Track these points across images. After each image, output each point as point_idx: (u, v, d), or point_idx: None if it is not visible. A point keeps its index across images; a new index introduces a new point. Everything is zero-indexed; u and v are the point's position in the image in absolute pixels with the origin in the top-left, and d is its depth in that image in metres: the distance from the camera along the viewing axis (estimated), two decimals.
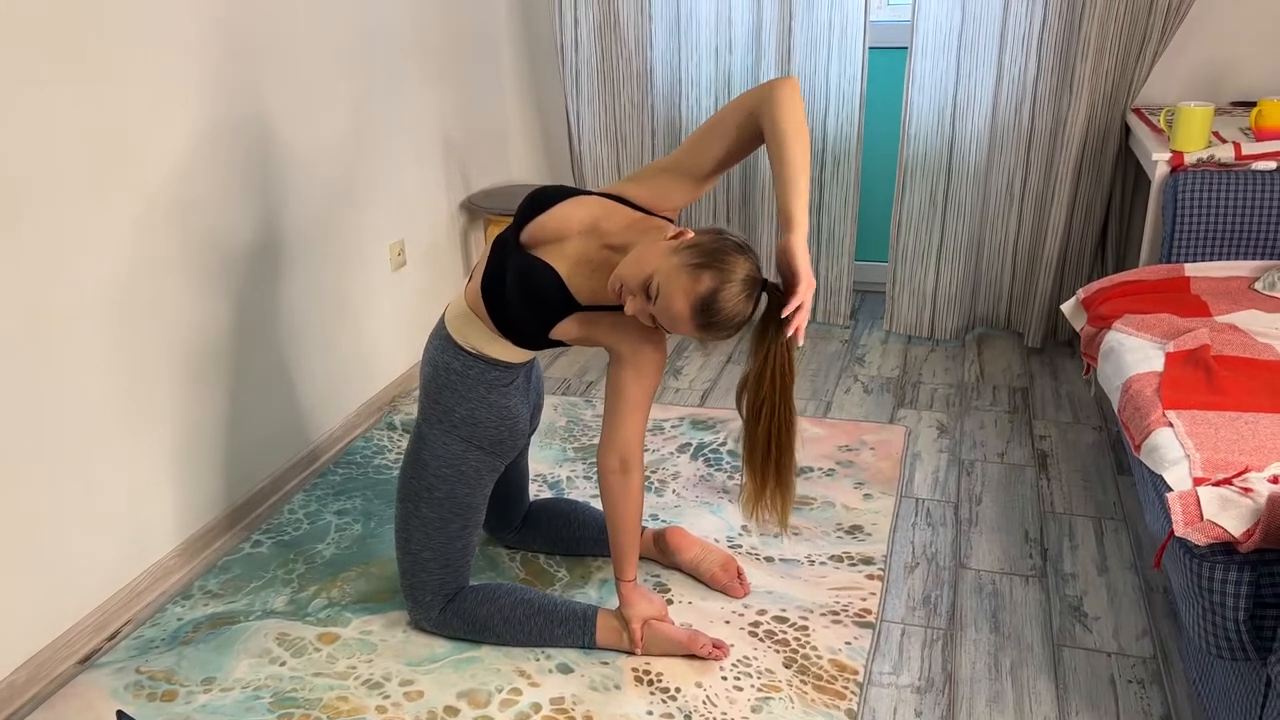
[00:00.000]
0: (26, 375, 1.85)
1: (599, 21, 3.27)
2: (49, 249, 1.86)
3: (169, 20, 2.08)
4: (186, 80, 2.14)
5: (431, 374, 1.93)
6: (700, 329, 1.65)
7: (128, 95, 1.99)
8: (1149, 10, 2.87)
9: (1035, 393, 3.00)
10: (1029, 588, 2.14)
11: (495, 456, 1.95)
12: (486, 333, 1.85)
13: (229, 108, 2.27)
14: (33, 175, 1.81)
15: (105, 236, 1.98)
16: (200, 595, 2.17)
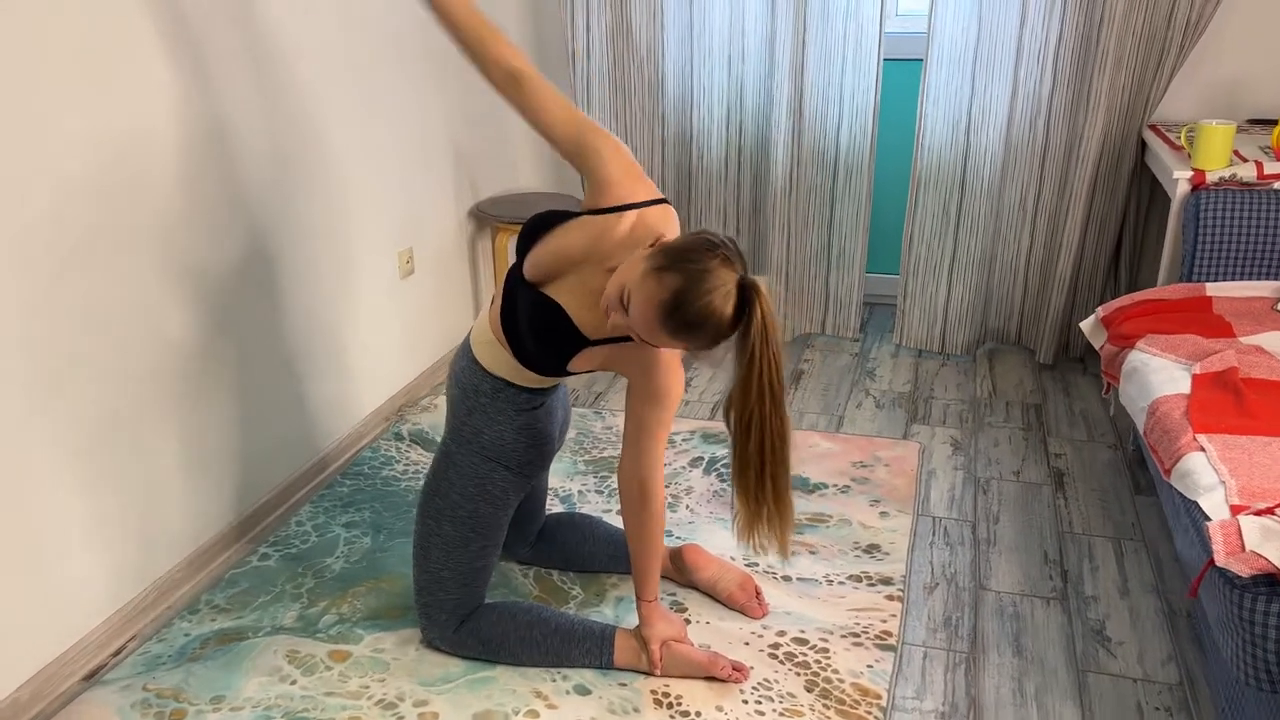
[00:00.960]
0: (29, 384, 1.80)
1: (611, 28, 3.24)
2: (68, 252, 1.82)
3: (181, 23, 2.04)
4: (196, 84, 2.10)
5: (460, 396, 1.89)
6: (673, 335, 1.53)
7: (134, 93, 1.95)
8: (1167, 25, 2.85)
9: (1048, 410, 2.97)
10: (1050, 610, 2.11)
11: (522, 477, 1.92)
12: (511, 362, 1.82)
13: (238, 113, 2.23)
14: (33, 175, 1.77)
15: (112, 242, 1.94)
16: (207, 610, 2.13)
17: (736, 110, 3.31)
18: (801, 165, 3.28)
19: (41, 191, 1.77)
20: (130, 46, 1.92)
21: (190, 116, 2.08)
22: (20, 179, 1.73)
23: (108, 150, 1.89)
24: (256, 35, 2.25)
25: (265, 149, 2.32)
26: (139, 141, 1.97)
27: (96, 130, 1.86)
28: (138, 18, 1.93)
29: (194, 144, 2.10)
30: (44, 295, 1.80)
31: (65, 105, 1.79)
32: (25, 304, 1.77)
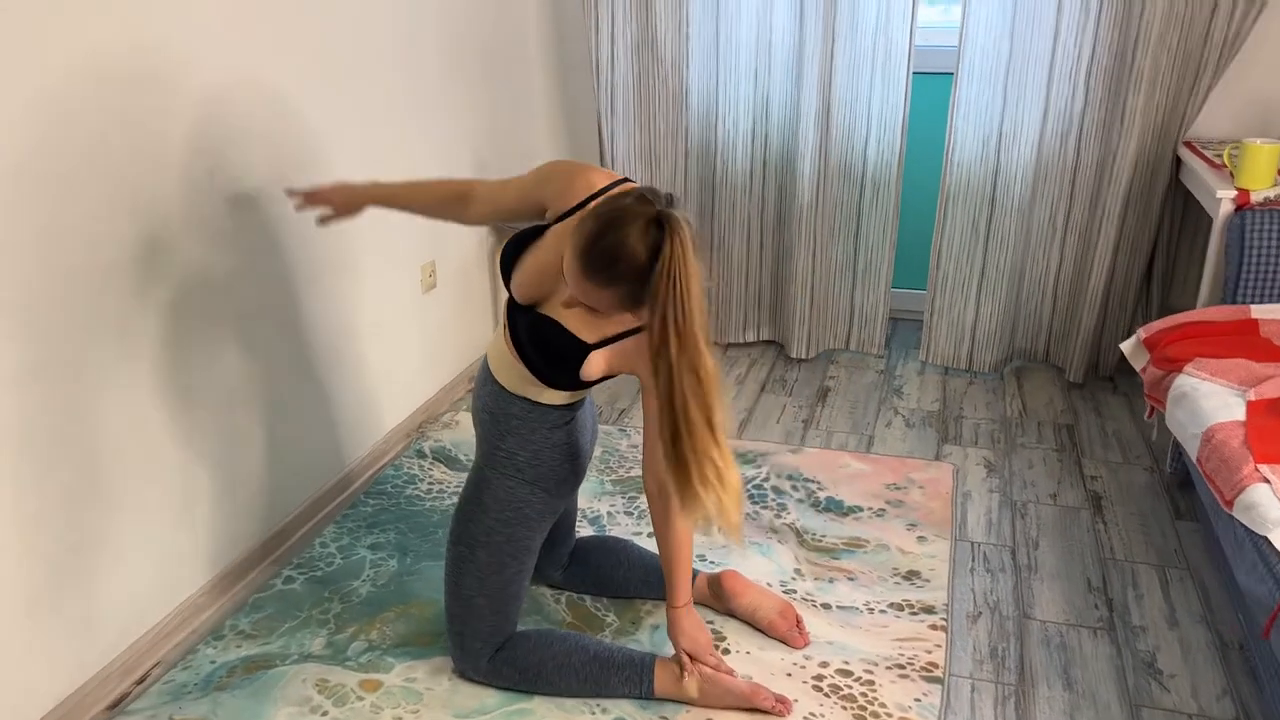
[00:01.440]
0: (53, 405, 1.75)
1: (636, 40, 3.19)
2: (98, 269, 1.77)
3: (209, 36, 1.99)
4: (218, 96, 2.05)
5: (491, 421, 1.85)
6: (596, 283, 1.48)
7: (154, 102, 1.90)
8: (1204, 43, 2.81)
9: (1081, 430, 2.93)
10: (1098, 641, 2.06)
11: (557, 498, 1.88)
12: (532, 381, 1.78)
13: (264, 127, 2.18)
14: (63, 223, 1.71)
15: (132, 258, 1.88)
16: (232, 635, 2.07)
17: (762, 123, 3.26)
18: (828, 179, 3.23)
19: (68, 219, 1.72)
20: (151, 61, 1.87)
21: (213, 132, 2.03)
22: (43, 216, 1.67)
23: (125, 171, 1.84)
24: (288, 51, 2.20)
25: (292, 162, 2.27)
26: (156, 158, 1.92)
27: (114, 151, 1.81)
28: (162, 27, 1.88)
29: (217, 158, 2.05)
30: (68, 310, 1.75)
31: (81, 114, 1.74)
32: (53, 323, 1.72)
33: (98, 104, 1.74)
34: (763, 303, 3.49)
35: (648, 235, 1.46)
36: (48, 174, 1.66)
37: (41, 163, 1.65)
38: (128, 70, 1.79)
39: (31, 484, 1.71)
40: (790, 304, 3.37)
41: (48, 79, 1.64)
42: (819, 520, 2.46)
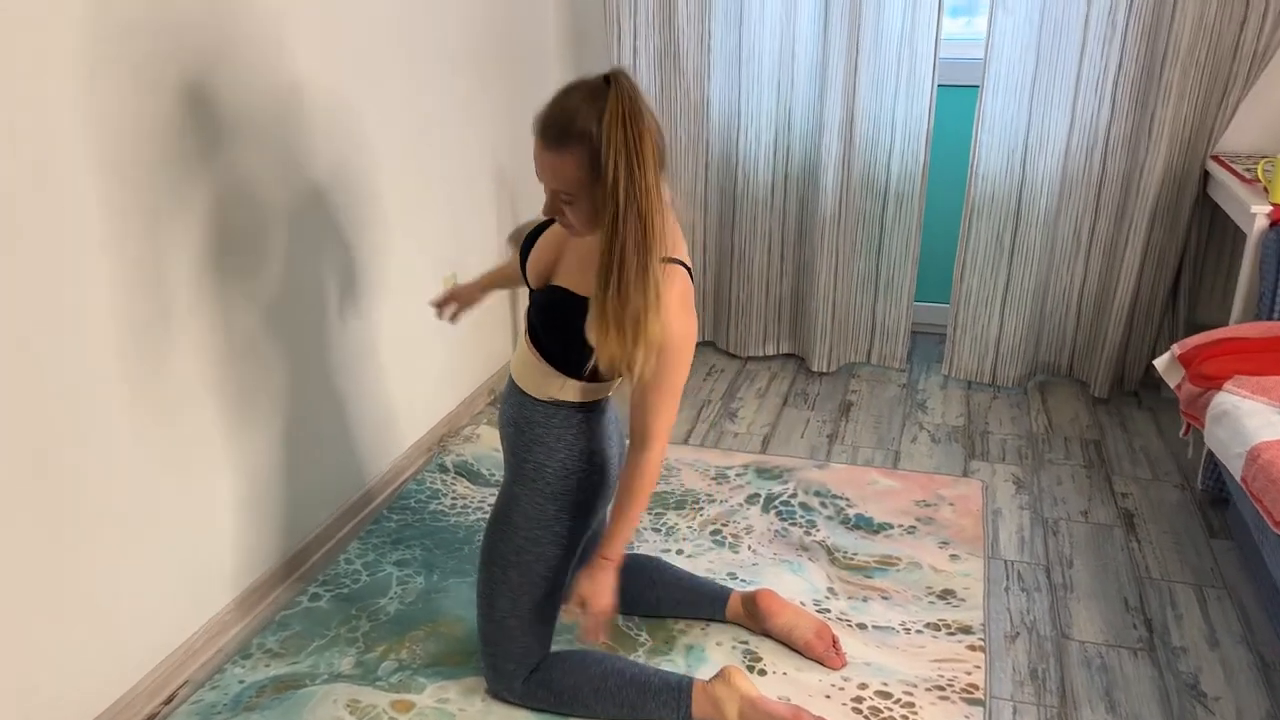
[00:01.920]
0: (81, 430, 1.72)
1: (659, 52, 3.17)
2: (116, 306, 1.74)
3: (242, 51, 1.97)
4: (248, 108, 2.02)
5: (515, 434, 1.82)
6: (556, 150, 1.52)
7: (187, 117, 1.88)
8: (1233, 55, 2.80)
9: (1108, 446, 2.90)
10: (1139, 662, 2.03)
11: (587, 514, 1.85)
12: (554, 377, 1.75)
13: (286, 143, 2.16)
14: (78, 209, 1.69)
15: (155, 278, 1.86)
16: (260, 654, 2.03)
17: (784, 134, 3.24)
18: (851, 192, 3.21)
19: (87, 222, 1.69)
20: (183, 71, 1.84)
21: (245, 141, 2.01)
22: (57, 212, 1.65)
23: (155, 177, 1.82)
24: (316, 69, 2.18)
25: (320, 176, 2.24)
26: (183, 170, 1.90)
27: (148, 165, 1.78)
28: (189, 35, 1.85)
29: (244, 168, 2.03)
30: (98, 328, 1.72)
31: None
32: (75, 361, 1.69)
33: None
34: (783, 316, 3.47)
35: (596, 94, 1.52)
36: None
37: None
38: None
39: (64, 509, 1.68)
40: (811, 317, 3.35)
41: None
42: (850, 538, 2.43)
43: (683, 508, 2.56)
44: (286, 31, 2.08)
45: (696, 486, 2.67)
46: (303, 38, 2.13)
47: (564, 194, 1.58)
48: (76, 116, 1.61)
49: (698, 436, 2.97)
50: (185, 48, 1.81)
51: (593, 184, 1.54)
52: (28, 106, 1.53)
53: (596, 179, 1.53)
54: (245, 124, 1.99)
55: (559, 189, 1.58)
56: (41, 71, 1.54)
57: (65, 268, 1.63)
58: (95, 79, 1.64)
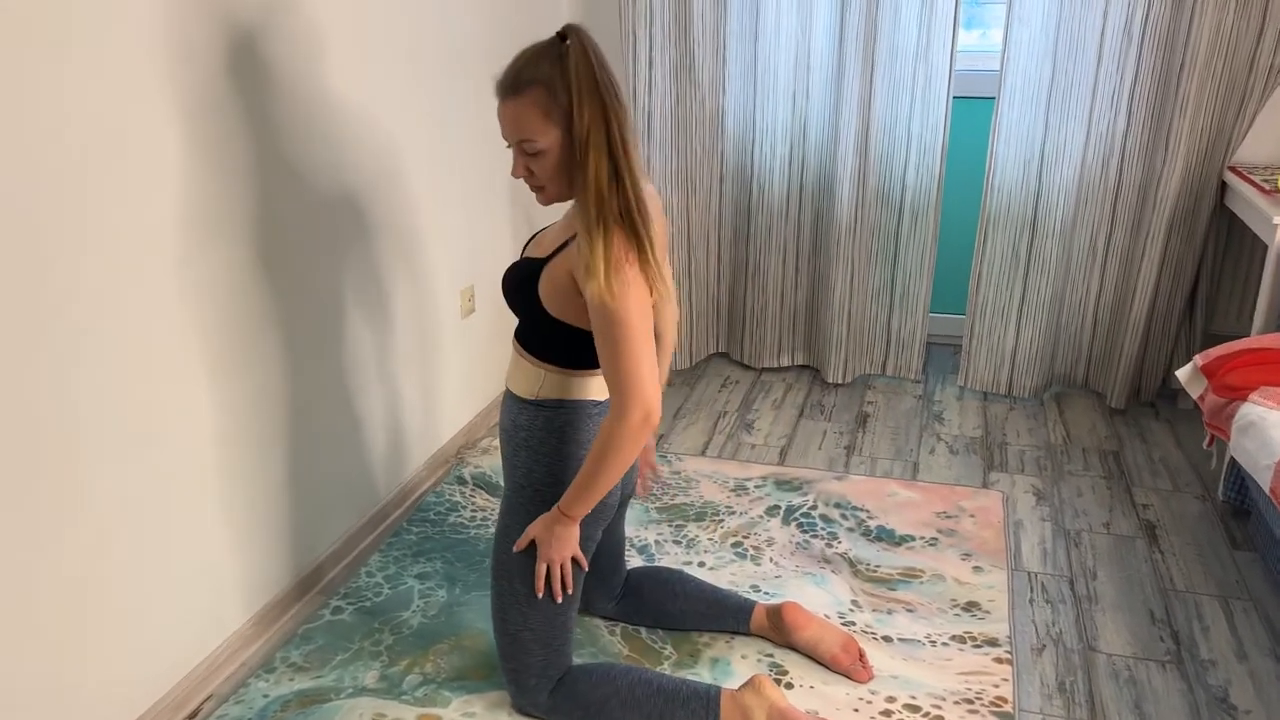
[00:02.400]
0: (102, 449, 1.72)
1: (675, 65, 3.18)
2: (141, 319, 1.74)
3: (266, 66, 1.97)
4: (274, 122, 2.03)
5: (507, 441, 1.82)
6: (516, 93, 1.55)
7: (211, 134, 1.88)
8: (1249, 68, 2.80)
9: (1127, 457, 2.89)
10: (1167, 675, 2.02)
11: (589, 523, 1.80)
12: (535, 368, 1.75)
13: (308, 162, 2.16)
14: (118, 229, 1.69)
15: (176, 293, 1.86)
16: (284, 668, 2.02)
17: (799, 146, 3.25)
18: (866, 203, 3.21)
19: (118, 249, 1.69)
20: (211, 87, 1.85)
21: (270, 157, 2.01)
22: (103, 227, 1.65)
23: (189, 196, 1.82)
24: (337, 89, 2.18)
25: (336, 190, 2.25)
26: (208, 186, 1.90)
27: (180, 179, 1.79)
28: (216, 56, 1.86)
29: (262, 182, 2.03)
30: (118, 353, 1.72)
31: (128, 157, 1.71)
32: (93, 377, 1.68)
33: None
34: (798, 327, 3.46)
35: (550, 44, 1.55)
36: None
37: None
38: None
39: (92, 525, 1.67)
40: (826, 329, 3.34)
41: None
42: (872, 550, 2.42)
43: (703, 519, 2.56)
44: (344, 41, 2.08)
45: (716, 498, 2.66)
46: (334, 55, 2.13)
47: (526, 143, 1.57)
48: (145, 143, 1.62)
49: (715, 448, 2.97)
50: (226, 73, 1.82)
51: (554, 126, 1.55)
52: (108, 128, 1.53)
53: (558, 123, 1.54)
54: (268, 140, 1.99)
55: (521, 138, 1.57)
56: (117, 91, 1.55)
57: (91, 283, 1.63)
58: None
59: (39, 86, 1.48)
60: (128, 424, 1.73)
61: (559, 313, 1.68)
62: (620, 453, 1.61)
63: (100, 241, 1.63)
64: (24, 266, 1.50)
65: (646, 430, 1.60)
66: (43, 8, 1.48)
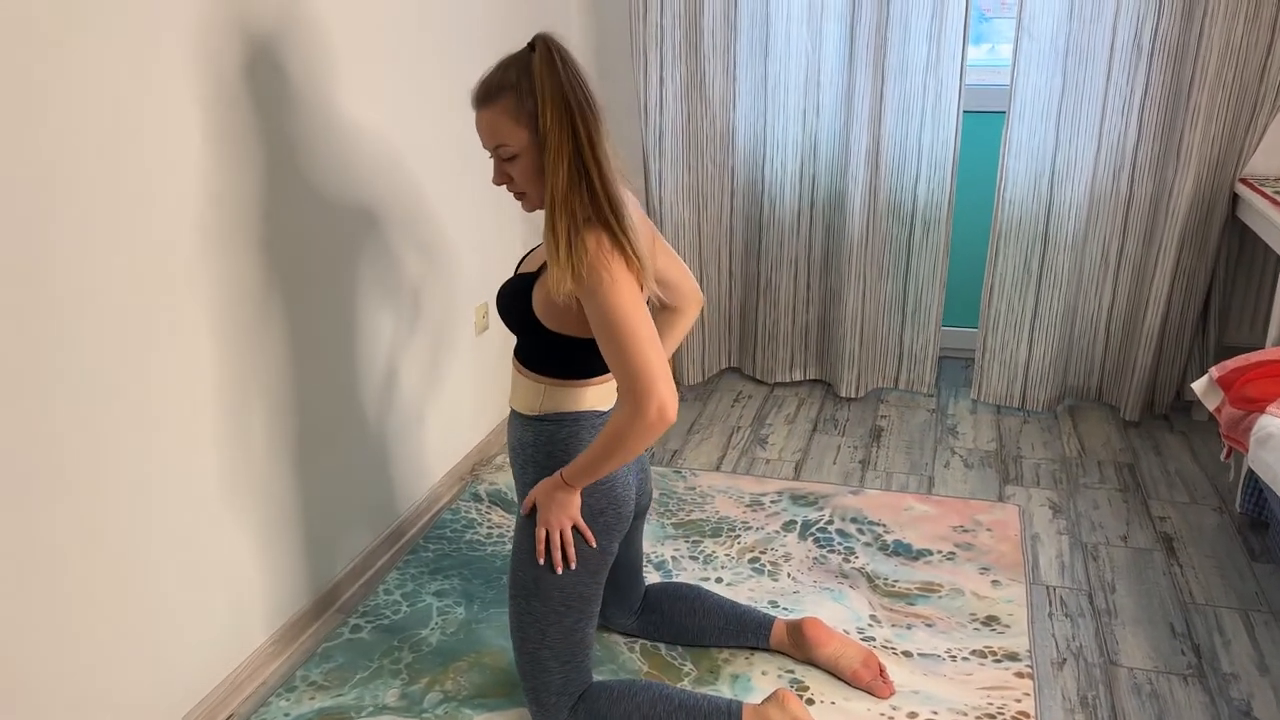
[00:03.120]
0: (136, 467, 1.73)
1: (685, 82, 3.20)
2: (150, 342, 1.75)
3: (286, 82, 1.99)
4: (293, 142, 2.04)
5: (515, 459, 1.83)
6: (490, 102, 1.59)
7: (232, 156, 1.90)
8: (1260, 79, 2.81)
9: (1142, 470, 2.89)
10: (1190, 689, 2.01)
11: (601, 535, 1.79)
12: (534, 382, 1.76)
13: (326, 182, 2.17)
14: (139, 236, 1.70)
15: (192, 317, 1.87)
16: (304, 687, 2.03)
17: (810, 163, 3.26)
18: (877, 217, 3.22)
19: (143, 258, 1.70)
20: (230, 109, 1.86)
21: (287, 176, 2.03)
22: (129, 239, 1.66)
23: (200, 212, 1.83)
24: (348, 109, 2.20)
25: (350, 209, 2.26)
26: (226, 202, 1.91)
27: (196, 199, 1.80)
28: (235, 82, 1.87)
29: (288, 204, 2.04)
30: (138, 372, 1.73)
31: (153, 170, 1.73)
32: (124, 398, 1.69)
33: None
34: (810, 341, 3.47)
35: (520, 55, 1.60)
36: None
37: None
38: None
39: (117, 545, 1.68)
40: (839, 343, 3.35)
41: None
42: (889, 564, 2.42)
43: (719, 535, 2.56)
44: (352, 60, 2.10)
45: (732, 514, 2.66)
46: (347, 73, 2.15)
47: (501, 148, 1.61)
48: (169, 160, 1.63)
49: (729, 463, 2.97)
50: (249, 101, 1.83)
51: (523, 130, 1.58)
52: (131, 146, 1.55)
53: (527, 126, 1.57)
54: (285, 160, 2.01)
55: (496, 144, 1.61)
56: (146, 96, 1.56)
57: (111, 309, 1.64)
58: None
59: (56, 90, 1.50)
60: (150, 444, 1.74)
61: (557, 325, 1.68)
62: (630, 446, 1.59)
63: (120, 264, 1.64)
64: (44, 283, 1.51)
65: (661, 425, 1.57)
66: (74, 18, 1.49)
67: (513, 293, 1.73)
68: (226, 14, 1.79)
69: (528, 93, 1.57)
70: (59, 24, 1.47)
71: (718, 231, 3.37)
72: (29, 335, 1.48)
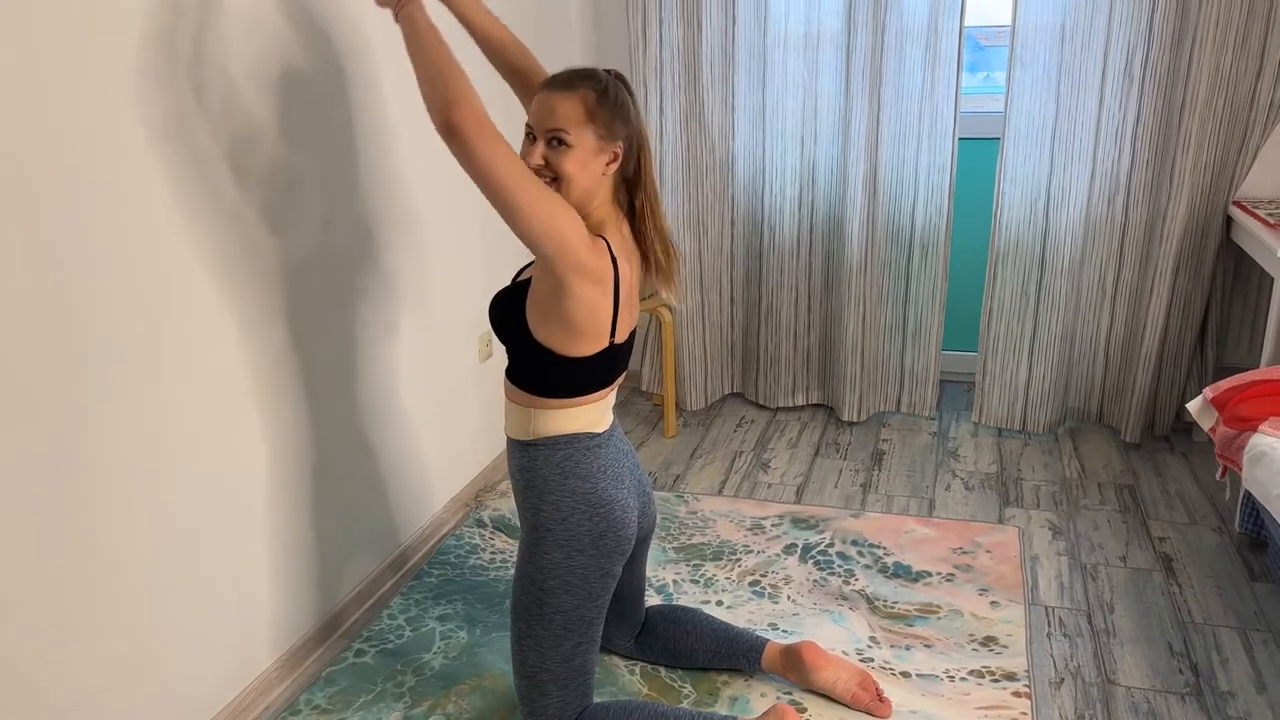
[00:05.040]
0: (151, 488, 1.77)
1: (685, 112, 3.25)
2: (164, 369, 1.80)
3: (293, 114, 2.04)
4: (299, 172, 2.10)
5: (515, 486, 1.86)
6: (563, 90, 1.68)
7: (256, 182, 1.95)
8: (1249, 105, 2.85)
9: (1143, 491, 2.90)
10: (1187, 708, 2.02)
11: (602, 558, 1.81)
12: (528, 411, 1.79)
13: (331, 211, 2.23)
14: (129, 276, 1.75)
15: (216, 340, 1.92)
16: (308, 711, 2.05)
17: (808, 189, 3.31)
18: (876, 243, 3.26)
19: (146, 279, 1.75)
20: (249, 132, 1.92)
21: (296, 206, 2.08)
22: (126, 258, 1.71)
23: (202, 234, 1.88)
24: (354, 132, 2.26)
25: (354, 229, 2.31)
26: (231, 226, 1.96)
27: (199, 218, 1.85)
28: (259, 105, 1.93)
29: (284, 239, 2.09)
30: (165, 393, 1.77)
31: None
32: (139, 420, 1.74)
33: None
34: (811, 366, 3.50)
35: (601, 70, 1.73)
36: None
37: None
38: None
39: (128, 566, 1.72)
40: (840, 367, 3.38)
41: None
42: (889, 586, 2.44)
43: (720, 559, 2.58)
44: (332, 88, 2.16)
45: (733, 538, 2.68)
46: (357, 96, 2.21)
47: (561, 134, 1.66)
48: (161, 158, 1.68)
49: (731, 487, 3.00)
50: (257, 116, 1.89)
51: (588, 129, 1.66)
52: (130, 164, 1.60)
53: (594, 132, 1.66)
54: (295, 192, 2.06)
55: (559, 127, 1.66)
56: (147, 118, 1.62)
57: (120, 321, 1.69)
58: None
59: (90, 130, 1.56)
60: (162, 470, 1.78)
61: (545, 336, 1.72)
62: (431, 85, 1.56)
63: (134, 295, 1.69)
64: (65, 307, 1.56)
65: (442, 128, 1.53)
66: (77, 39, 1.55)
67: (507, 299, 1.78)
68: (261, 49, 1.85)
69: (611, 100, 1.67)
70: (87, 30, 1.53)
71: (719, 258, 3.41)
72: (54, 359, 1.53)
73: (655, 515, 2.01)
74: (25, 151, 1.47)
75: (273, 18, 1.96)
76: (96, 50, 1.58)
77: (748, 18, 3.17)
